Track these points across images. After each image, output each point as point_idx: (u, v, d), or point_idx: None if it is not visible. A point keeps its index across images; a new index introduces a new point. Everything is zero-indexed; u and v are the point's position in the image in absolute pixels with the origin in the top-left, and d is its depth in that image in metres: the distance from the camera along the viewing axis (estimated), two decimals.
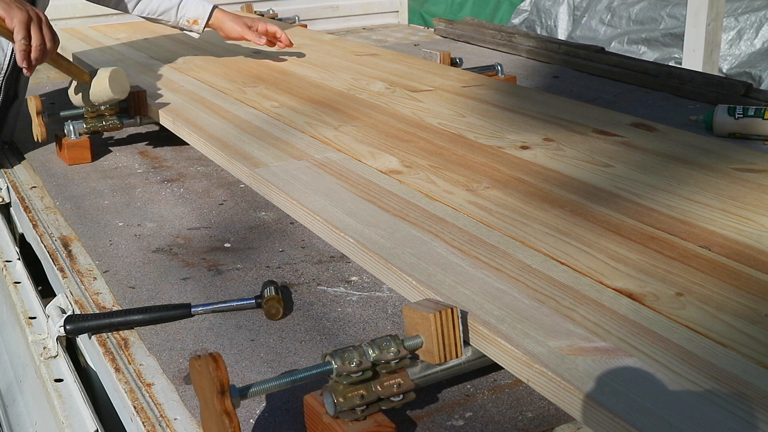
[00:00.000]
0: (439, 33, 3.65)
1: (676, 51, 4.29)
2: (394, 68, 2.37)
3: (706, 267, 1.09)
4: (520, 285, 1.05)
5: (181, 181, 1.82)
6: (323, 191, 1.40)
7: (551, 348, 0.90)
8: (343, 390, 0.90)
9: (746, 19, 4.19)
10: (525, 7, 5.24)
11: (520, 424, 0.97)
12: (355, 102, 2.00)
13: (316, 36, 3.05)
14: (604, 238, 1.19)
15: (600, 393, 0.82)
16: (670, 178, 1.41)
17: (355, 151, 1.61)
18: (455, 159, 1.55)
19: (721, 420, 0.78)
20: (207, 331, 1.20)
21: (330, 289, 1.32)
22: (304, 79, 2.27)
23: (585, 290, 1.03)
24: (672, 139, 1.63)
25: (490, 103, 1.95)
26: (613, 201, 1.32)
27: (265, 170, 1.52)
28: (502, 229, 1.22)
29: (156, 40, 2.99)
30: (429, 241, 1.19)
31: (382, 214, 1.29)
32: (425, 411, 1.00)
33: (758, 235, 1.18)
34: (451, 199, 1.35)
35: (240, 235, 1.53)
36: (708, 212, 1.26)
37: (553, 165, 1.49)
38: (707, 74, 2.72)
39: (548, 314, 0.98)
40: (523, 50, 3.09)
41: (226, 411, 0.85)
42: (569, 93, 2.43)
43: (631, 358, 0.88)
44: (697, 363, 0.87)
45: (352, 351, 0.91)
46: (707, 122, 2.01)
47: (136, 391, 1.08)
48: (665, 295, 1.02)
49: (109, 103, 1.98)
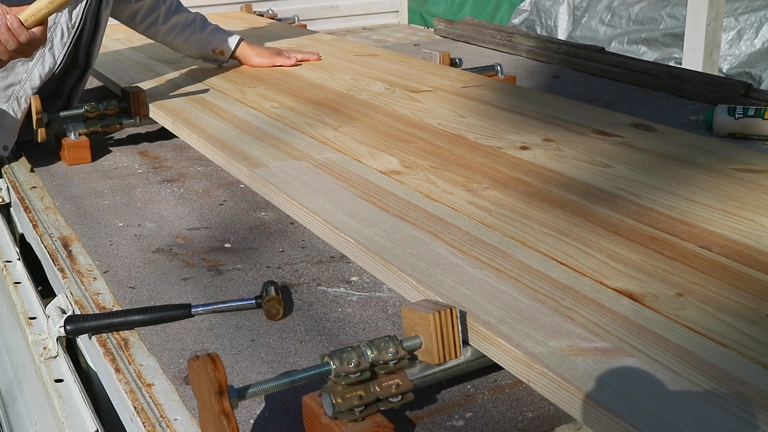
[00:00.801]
0: (439, 33, 3.65)
1: (676, 51, 4.28)
2: (394, 69, 2.37)
3: (706, 267, 1.09)
4: (520, 285, 1.05)
5: (181, 181, 1.82)
6: (323, 191, 1.40)
7: (551, 348, 0.90)
8: (341, 391, 0.90)
9: (746, 19, 4.19)
10: (525, 7, 5.24)
11: (520, 425, 0.97)
12: (354, 102, 2.00)
13: (316, 36, 3.05)
14: (604, 238, 1.19)
15: (600, 393, 0.82)
16: (670, 179, 1.41)
17: (354, 152, 1.61)
18: (455, 159, 1.55)
19: (720, 420, 0.78)
20: (207, 331, 1.20)
21: (330, 290, 1.32)
22: (304, 80, 2.27)
23: (585, 290, 1.03)
24: (672, 139, 1.63)
25: (490, 103, 1.95)
26: (613, 201, 1.32)
27: (265, 170, 1.52)
28: (502, 230, 1.22)
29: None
30: (429, 242, 1.19)
31: (382, 215, 1.29)
32: (425, 411, 0.99)
33: (758, 236, 1.18)
34: (450, 199, 1.35)
35: (240, 235, 1.53)
36: (708, 212, 1.26)
37: (553, 165, 1.49)
38: (707, 74, 2.72)
39: (548, 314, 0.98)
40: (523, 50, 3.09)
41: (224, 411, 0.85)
42: (569, 93, 2.43)
43: (631, 358, 0.88)
44: (697, 363, 0.87)
45: (350, 352, 0.91)
46: (707, 122, 2.01)
47: (137, 391, 1.08)
48: (665, 295, 1.02)
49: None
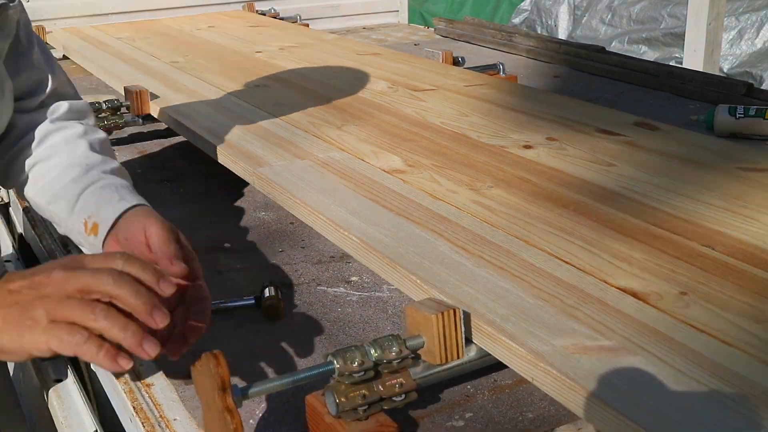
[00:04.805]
0: (439, 32, 3.65)
1: (676, 51, 4.28)
2: (397, 67, 2.36)
3: (710, 266, 1.08)
4: (524, 284, 1.05)
5: (181, 181, 1.82)
6: (327, 190, 1.39)
7: (556, 347, 0.90)
8: (345, 390, 0.89)
9: (747, 19, 4.19)
10: (525, 6, 5.24)
11: (520, 425, 0.96)
12: (357, 101, 2.00)
13: (318, 35, 3.05)
14: (607, 237, 1.18)
15: (605, 391, 0.82)
16: (674, 178, 1.40)
17: (358, 151, 1.60)
18: (458, 158, 1.54)
19: (725, 418, 0.77)
20: (206, 330, 1.19)
21: (330, 290, 1.31)
22: (307, 78, 2.27)
23: (589, 289, 1.03)
24: (675, 138, 1.63)
25: (493, 102, 1.94)
26: (616, 200, 1.32)
27: (269, 169, 1.52)
28: (506, 228, 1.22)
29: (158, 40, 2.99)
30: (433, 240, 1.18)
31: (386, 213, 1.29)
32: (425, 411, 0.99)
33: (762, 235, 1.17)
34: (454, 198, 1.34)
35: (240, 235, 1.52)
36: (712, 211, 1.26)
37: (557, 164, 1.49)
38: (708, 74, 2.72)
39: (552, 313, 0.97)
40: (524, 50, 3.08)
41: (228, 408, 0.84)
42: (570, 93, 2.42)
43: (635, 356, 0.88)
44: (701, 362, 0.87)
45: (354, 351, 0.90)
46: (708, 122, 2.00)
47: (136, 391, 1.07)
48: (669, 294, 1.01)
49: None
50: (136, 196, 1.14)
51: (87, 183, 1.16)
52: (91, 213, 1.12)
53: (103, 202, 1.12)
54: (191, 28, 3.25)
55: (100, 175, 1.17)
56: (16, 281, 0.83)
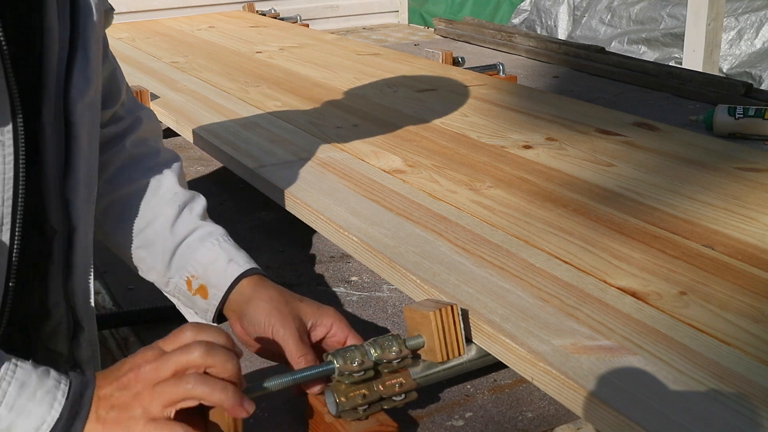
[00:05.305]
0: (439, 33, 3.65)
1: (676, 51, 4.28)
2: (397, 67, 2.37)
3: (709, 266, 1.09)
4: (524, 284, 1.05)
5: None
6: (327, 190, 1.39)
7: (555, 346, 0.90)
8: (345, 389, 0.89)
9: (746, 19, 4.19)
10: (525, 6, 5.24)
11: (519, 425, 0.97)
12: (357, 102, 2.00)
13: (318, 36, 3.05)
14: (607, 237, 1.18)
15: (604, 391, 0.82)
16: (673, 178, 1.41)
17: (358, 151, 1.61)
18: (458, 158, 1.55)
19: (724, 418, 0.78)
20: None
21: (330, 289, 1.31)
22: (307, 79, 2.27)
23: (588, 289, 1.03)
24: (675, 138, 1.63)
25: (493, 102, 1.95)
26: (616, 200, 1.32)
27: (269, 169, 1.52)
28: (506, 228, 1.22)
29: (158, 40, 2.99)
30: (433, 240, 1.19)
31: (386, 213, 1.29)
32: (425, 411, 0.99)
33: (761, 234, 1.17)
34: (454, 198, 1.35)
35: (240, 235, 1.52)
36: (711, 211, 1.26)
37: (556, 164, 1.49)
38: (707, 74, 2.72)
39: (552, 313, 0.97)
40: (523, 50, 3.09)
41: None
42: (569, 93, 2.42)
43: (634, 356, 0.88)
44: (700, 361, 0.87)
45: (354, 351, 0.91)
46: (707, 122, 2.01)
47: None
48: (668, 293, 1.02)
49: None
50: (240, 252, 1.07)
51: (184, 233, 1.08)
52: (196, 274, 1.05)
53: (209, 263, 1.05)
54: (191, 28, 3.26)
55: (197, 223, 1.09)
56: (104, 387, 0.80)
